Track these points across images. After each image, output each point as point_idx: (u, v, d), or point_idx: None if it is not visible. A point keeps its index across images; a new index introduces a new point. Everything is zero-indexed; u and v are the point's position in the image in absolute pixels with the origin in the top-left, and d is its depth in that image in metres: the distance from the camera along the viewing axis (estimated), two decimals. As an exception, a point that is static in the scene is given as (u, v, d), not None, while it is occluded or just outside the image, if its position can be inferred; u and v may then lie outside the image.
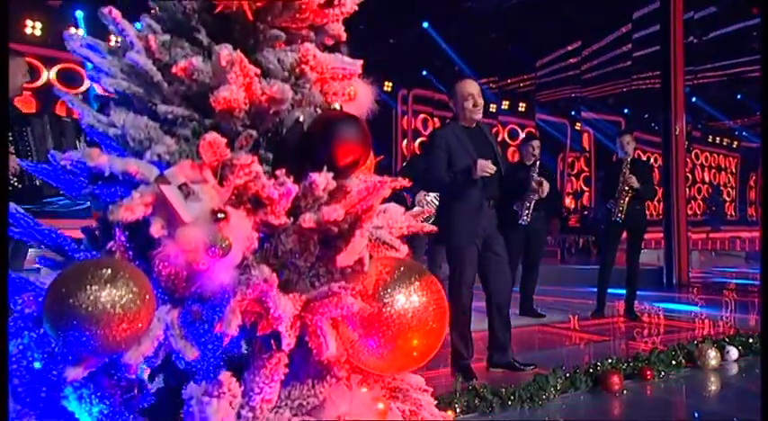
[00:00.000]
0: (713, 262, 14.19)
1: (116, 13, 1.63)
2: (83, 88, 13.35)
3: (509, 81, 16.93)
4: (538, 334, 5.49)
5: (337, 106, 1.72)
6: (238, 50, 1.55)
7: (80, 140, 3.56)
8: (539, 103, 18.20)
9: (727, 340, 4.38)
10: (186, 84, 1.59)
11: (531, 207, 5.69)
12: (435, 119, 18.19)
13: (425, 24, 13.53)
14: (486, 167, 3.57)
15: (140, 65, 1.57)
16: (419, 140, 17.96)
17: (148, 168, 1.46)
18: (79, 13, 12.66)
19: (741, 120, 20.92)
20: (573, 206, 19.14)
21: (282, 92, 1.55)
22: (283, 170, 1.52)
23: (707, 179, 23.11)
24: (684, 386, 3.72)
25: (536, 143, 6.08)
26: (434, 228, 2.00)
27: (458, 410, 2.87)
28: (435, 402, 2.85)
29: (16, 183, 3.24)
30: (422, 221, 3.36)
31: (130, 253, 1.52)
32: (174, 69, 1.56)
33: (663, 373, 3.75)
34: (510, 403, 3.00)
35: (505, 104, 18.41)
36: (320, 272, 1.57)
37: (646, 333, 5.65)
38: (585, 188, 19.97)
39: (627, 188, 5.76)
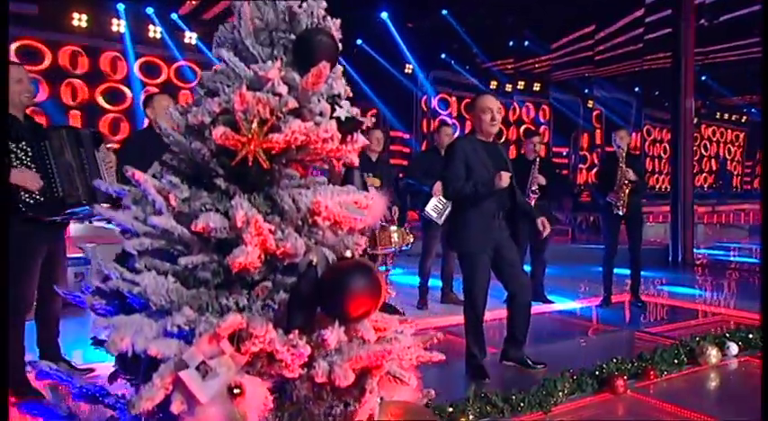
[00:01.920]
0: (718, 235, 14.04)
1: (138, 174, 1.64)
2: (123, 74, 13.44)
3: (525, 63, 16.62)
4: (547, 323, 5.48)
5: (348, 254, 1.69)
6: (254, 210, 1.53)
7: (98, 151, 3.51)
8: (552, 82, 17.89)
9: (727, 336, 4.35)
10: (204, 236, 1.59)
11: (533, 202, 5.69)
12: (453, 98, 18.05)
13: (444, 12, 13.30)
14: (506, 179, 3.56)
15: (162, 226, 1.58)
16: (438, 119, 17.84)
17: (168, 346, 1.47)
18: (120, 6, 12.69)
19: (749, 98, 20.35)
20: (585, 182, 18.94)
21: (296, 248, 1.56)
22: (296, 332, 1.52)
23: (713, 153, 22.69)
24: (687, 385, 3.71)
25: (537, 139, 6.00)
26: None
27: (471, 417, 2.90)
28: (450, 408, 2.94)
29: (39, 198, 3.15)
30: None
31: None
32: (193, 227, 1.57)
33: (665, 372, 3.75)
34: (520, 409, 3.04)
35: (521, 84, 18.15)
36: (336, 414, 1.59)
37: (651, 319, 5.65)
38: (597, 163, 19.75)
39: (627, 181, 5.70)
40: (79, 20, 12.68)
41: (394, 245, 5.10)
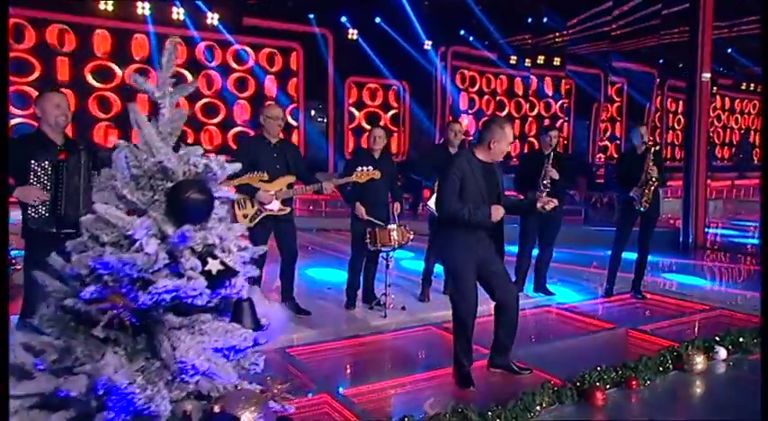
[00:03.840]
0: (737, 210, 13.72)
1: None
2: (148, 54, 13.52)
3: (543, 38, 16.18)
4: (543, 320, 5.49)
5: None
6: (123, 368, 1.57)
7: None
8: (572, 56, 17.41)
9: (717, 339, 4.29)
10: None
11: (544, 195, 5.60)
12: (473, 72, 17.72)
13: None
14: (498, 213, 3.60)
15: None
16: (459, 94, 17.59)
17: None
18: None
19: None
20: (603, 160, 18.61)
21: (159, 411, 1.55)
22: None
23: (736, 125, 21.99)
24: (668, 393, 3.70)
25: (554, 134, 5.86)
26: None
27: (448, 432, 2.95)
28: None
29: (44, 213, 3.38)
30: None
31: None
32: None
33: (648, 381, 3.73)
34: (496, 425, 3.07)
35: (541, 59, 17.73)
36: None
37: (649, 314, 5.60)
38: (618, 136, 19.38)
39: (653, 178, 5.56)
40: (105, 3, 12.77)
41: (393, 242, 5.12)
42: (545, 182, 5.58)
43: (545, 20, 14.42)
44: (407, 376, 3.90)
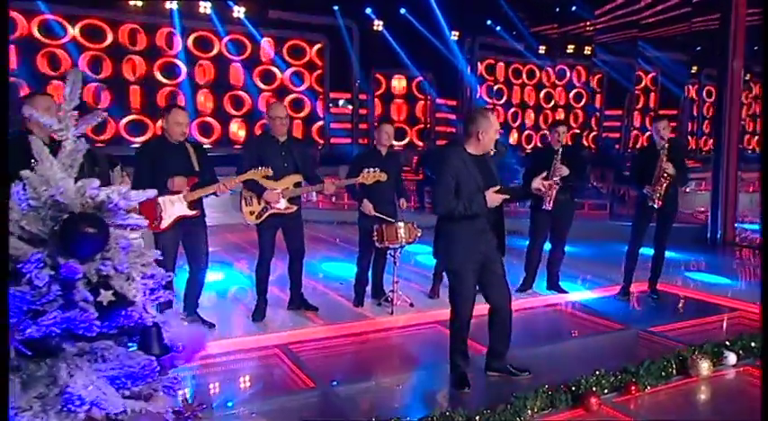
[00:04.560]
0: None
1: None
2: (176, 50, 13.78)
3: (571, 27, 15.83)
4: (553, 319, 5.41)
5: None
6: None
7: (112, 172, 3.69)
8: (602, 45, 17.00)
9: (728, 343, 4.17)
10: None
11: (554, 194, 5.52)
12: (500, 63, 17.47)
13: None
14: (495, 199, 3.53)
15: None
16: (485, 85, 17.39)
17: None
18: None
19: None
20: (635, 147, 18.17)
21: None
22: None
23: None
24: (669, 399, 3.62)
25: (561, 129, 5.75)
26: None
27: (434, 436, 2.95)
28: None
29: None
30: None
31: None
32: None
33: (648, 386, 3.65)
34: (484, 429, 3.05)
35: (571, 48, 17.37)
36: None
37: (663, 315, 5.44)
38: (649, 128, 18.82)
39: (665, 174, 5.41)
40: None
41: (400, 240, 5.12)
42: (555, 179, 5.50)
43: (573, 8, 14.08)
44: (403, 374, 3.91)
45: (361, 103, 15.92)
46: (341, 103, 15.90)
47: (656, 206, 5.45)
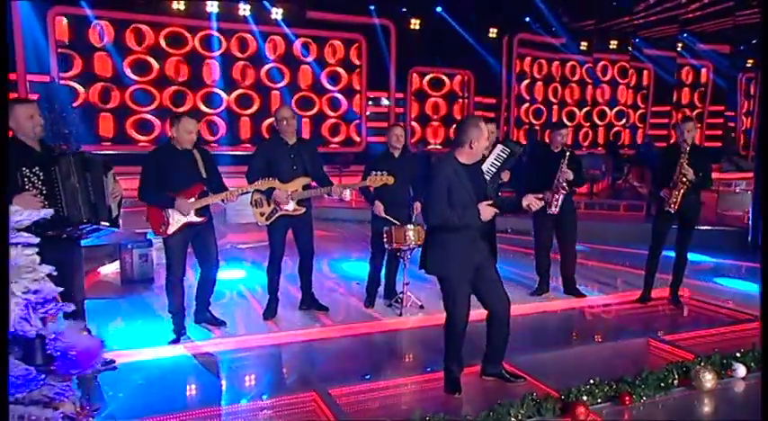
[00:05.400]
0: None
1: None
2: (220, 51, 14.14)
3: (612, 22, 15.41)
4: (564, 324, 5.32)
5: None
6: None
7: (106, 177, 3.82)
8: (646, 40, 16.48)
9: (738, 355, 4.02)
10: None
11: (561, 199, 5.44)
12: (541, 60, 17.17)
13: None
14: (488, 212, 3.53)
15: None
16: (525, 82, 17.14)
17: None
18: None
19: None
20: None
21: None
22: None
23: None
24: (665, 413, 3.52)
25: (564, 131, 5.65)
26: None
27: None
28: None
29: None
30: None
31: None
32: None
33: (645, 397, 3.56)
34: (466, 435, 3.06)
35: (614, 44, 16.91)
36: None
37: (681, 323, 5.28)
38: (698, 125, 18.16)
39: (684, 179, 5.24)
40: (178, 2, 13.46)
41: (409, 242, 5.14)
42: (562, 184, 5.42)
43: (614, 3, 13.69)
44: (399, 378, 3.94)
45: (397, 102, 15.96)
46: (384, 101, 15.96)
47: (672, 210, 5.29)
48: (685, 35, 16.36)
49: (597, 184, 12.26)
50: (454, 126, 16.37)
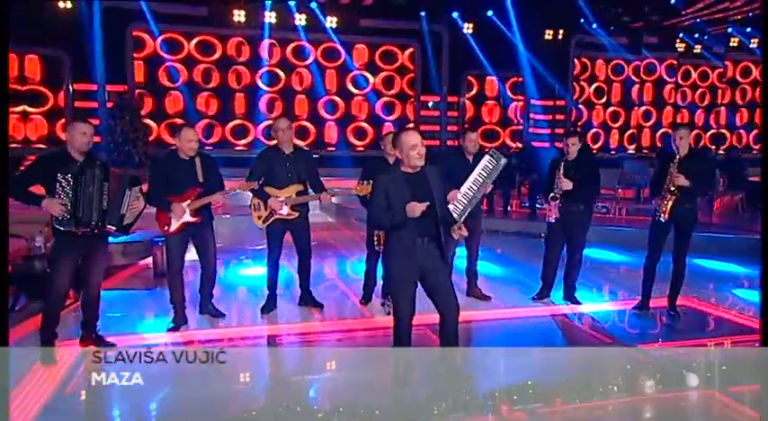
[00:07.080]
0: None
1: None
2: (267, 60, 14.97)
3: (673, 20, 14.81)
4: (546, 329, 5.38)
5: None
6: None
7: (130, 190, 4.44)
8: (713, 37, 15.71)
9: (694, 365, 4.02)
10: None
11: (556, 206, 5.54)
12: (600, 61, 16.76)
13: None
14: (414, 209, 3.73)
15: None
16: (595, 86, 16.80)
17: None
18: (268, 2, 14.22)
19: None
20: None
21: None
22: None
23: None
24: (590, 416, 3.65)
25: (572, 140, 5.70)
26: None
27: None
28: None
29: (66, 216, 4.15)
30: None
31: None
32: None
33: (578, 400, 3.70)
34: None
35: (681, 46, 16.20)
36: None
37: (673, 333, 5.23)
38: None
39: (672, 188, 5.20)
40: (239, 15, 14.37)
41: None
42: (556, 191, 5.51)
43: (672, 1, 13.17)
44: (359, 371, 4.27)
45: (450, 106, 16.14)
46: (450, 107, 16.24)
47: (662, 220, 5.26)
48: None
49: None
50: (513, 128, 16.41)
